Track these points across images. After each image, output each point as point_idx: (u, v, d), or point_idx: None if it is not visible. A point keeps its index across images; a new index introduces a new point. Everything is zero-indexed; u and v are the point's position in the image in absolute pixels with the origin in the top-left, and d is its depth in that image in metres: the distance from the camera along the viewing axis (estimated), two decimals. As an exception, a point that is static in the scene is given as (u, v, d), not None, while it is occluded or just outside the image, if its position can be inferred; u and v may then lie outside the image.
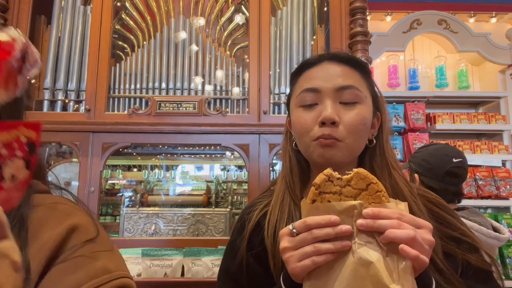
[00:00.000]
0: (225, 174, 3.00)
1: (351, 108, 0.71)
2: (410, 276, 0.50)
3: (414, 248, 0.50)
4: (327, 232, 0.51)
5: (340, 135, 0.70)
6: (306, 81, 0.75)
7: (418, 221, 0.53)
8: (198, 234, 2.37)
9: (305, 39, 2.22)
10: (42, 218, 0.53)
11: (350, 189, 0.54)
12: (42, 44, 2.21)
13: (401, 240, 0.49)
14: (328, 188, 0.55)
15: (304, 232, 0.53)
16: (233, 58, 2.29)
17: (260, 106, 2.08)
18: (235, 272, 0.77)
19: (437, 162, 1.53)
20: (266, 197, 0.84)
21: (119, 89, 2.17)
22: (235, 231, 0.82)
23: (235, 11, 2.40)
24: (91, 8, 2.17)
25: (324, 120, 0.69)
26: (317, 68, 0.75)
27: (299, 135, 0.75)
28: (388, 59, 3.12)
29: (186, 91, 2.16)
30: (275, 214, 0.75)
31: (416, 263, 0.50)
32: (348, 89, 0.71)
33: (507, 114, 3.01)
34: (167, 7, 2.34)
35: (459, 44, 2.97)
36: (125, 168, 3.05)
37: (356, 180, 0.55)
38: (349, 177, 0.55)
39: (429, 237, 0.53)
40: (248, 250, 0.76)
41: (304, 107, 0.74)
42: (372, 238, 0.51)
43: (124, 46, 2.42)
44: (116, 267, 0.53)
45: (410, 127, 2.89)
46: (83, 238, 0.53)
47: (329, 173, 0.55)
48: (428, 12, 2.99)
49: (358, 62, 0.76)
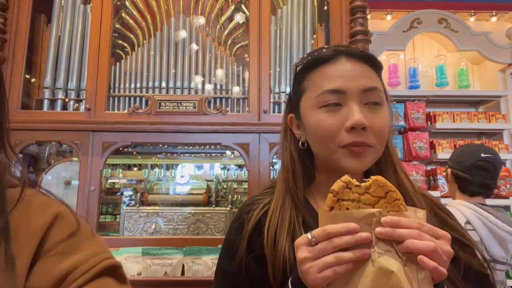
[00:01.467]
0: (225, 173, 3.01)
1: (376, 112, 0.69)
2: (429, 287, 0.50)
3: (433, 260, 0.48)
4: (347, 240, 0.50)
5: (371, 141, 0.67)
6: (326, 79, 0.70)
7: (437, 231, 0.52)
8: (198, 233, 2.37)
9: (305, 38, 2.21)
10: (21, 212, 0.53)
11: (369, 196, 0.54)
12: (42, 43, 2.21)
13: (421, 252, 0.48)
14: (346, 195, 0.54)
15: (323, 241, 0.51)
16: (233, 57, 2.29)
17: (260, 105, 2.08)
18: (235, 274, 0.73)
19: (466, 156, 1.66)
20: (267, 194, 0.80)
21: (119, 88, 2.16)
22: (233, 230, 0.77)
23: (235, 10, 2.40)
24: (91, 7, 2.16)
25: (354, 125, 0.66)
26: (336, 65, 0.70)
27: (322, 140, 0.70)
28: (388, 58, 3.12)
29: (186, 90, 2.16)
30: (275, 220, 0.71)
31: (434, 274, 0.49)
32: (373, 91, 0.69)
33: (507, 113, 3.01)
34: (167, 6, 2.33)
35: (459, 43, 2.96)
36: (125, 167, 3.05)
37: (374, 188, 0.54)
38: (368, 185, 0.54)
39: (448, 248, 0.51)
40: (248, 251, 0.72)
41: (327, 109, 0.69)
42: (390, 247, 0.50)
43: (124, 45, 2.42)
44: (101, 251, 0.55)
45: (410, 126, 2.89)
46: (66, 227, 0.54)
47: (347, 180, 0.54)
48: (428, 11, 2.99)
49: (377, 61, 0.73)
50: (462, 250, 0.69)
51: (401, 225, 0.50)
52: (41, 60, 2.20)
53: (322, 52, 0.73)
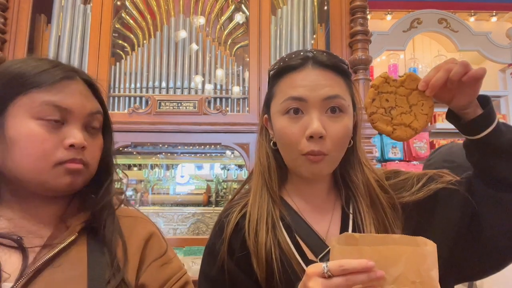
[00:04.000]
0: (225, 173, 3.00)
1: (336, 119, 0.71)
2: None
3: None
4: (363, 279, 0.51)
5: (326, 149, 0.70)
6: (291, 87, 0.72)
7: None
8: (198, 233, 2.37)
9: (305, 38, 2.21)
10: (130, 226, 0.73)
11: (403, 89, 0.66)
12: (42, 43, 2.21)
13: None
14: (385, 89, 0.67)
15: (339, 277, 0.52)
16: (233, 57, 2.29)
17: (260, 105, 2.07)
18: (215, 276, 0.76)
19: (462, 157, 1.47)
20: (243, 198, 0.82)
21: (119, 88, 2.17)
22: (213, 235, 0.80)
23: (235, 10, 2.40)
24: (91, 7, 2.16)
25: (312, 134, 0.68)
26: (302, 74, 0.72)
27: (285, 146, 0.73)
28: (388, 58, 3.12)
29: (186, 90, 2.16)
30: (254, 214, 0.74)
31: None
32: (334, 99, 0.70)
33: (507, 113, 3.01)
34: (167, 6, 2.34)
35: (459, 43, 2.96)
36: (125, 167, 3.05)
37: (409, 81, 0.67)
38: (403, 79, 0.67)
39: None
40: (228, 254, 0.75)
41: (289, 116, 0.72)
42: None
43: (124, 45, 2.42)
44: (182, 266, 0.77)
45: (410, 126, 2.89)
46: (159, 242, 0.75)
47: (386, 75, 0.67)
48: (429, 11, 2.99)
49: (342, 68, 0.74)
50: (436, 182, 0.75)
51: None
52: (41, 60, 2.19)
53: (291, 59, 0.75)
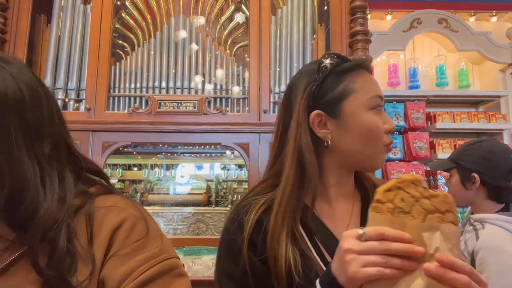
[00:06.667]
0: (225, 173, 3.00)
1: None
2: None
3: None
4: (399, 247, 0.50)
5: None
6: (372, 85, 0.78)
7: (481, 278, 0.53)
8: (198, 233, 2.37)
9: (305, 38, 2.21)
10: (101, 219, 0.64)
11: (429, 203, 0.53)
12: (42, 43, 2.21)
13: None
14: (409, 189, 0.54)
15: (374, 241, 0.52)
16: (233, 57, 2.29)
17: (260, 105, 2.08)
18: (240, 279, 0.72)
19: (499, 160, 1.40)
20: (263, 193, 0.79)
21: (119, 88, 2.17)
22: (232, 230, 0.75)
23: (235, 10, 2.40)
24: (91, 7, 2.17)
25: (391, 130, 0.77)
26: (367, 74, 0.79)
27: (370, 139, 0.75)
28: (388, 58, 3.12)
29: (186, 90, 2.16)
30: (277, 227, 0.71)
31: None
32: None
33: (507, 113, 3.01)
34: (167, 6, 2.34)
35: (459, 43, 2.96)
36: (125, 167, 3.05)
37: (440, 200, 0.53)
38: (435, 194, 0.54)
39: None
40: (250, 251, 0.72)
41: (376, 111, 0.76)
42: None
43: (124, 45, 2.42)
44: (162, 251, 0.64)
45: (410, 126, 2.89)
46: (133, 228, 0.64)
47: (419, 178, 0.54)
48: (429, 11, 2.99)
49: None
50: None
51: (455, 267, 0.49)
52: (41, 60, 2.20)
53: (355, 59, 0.85)
